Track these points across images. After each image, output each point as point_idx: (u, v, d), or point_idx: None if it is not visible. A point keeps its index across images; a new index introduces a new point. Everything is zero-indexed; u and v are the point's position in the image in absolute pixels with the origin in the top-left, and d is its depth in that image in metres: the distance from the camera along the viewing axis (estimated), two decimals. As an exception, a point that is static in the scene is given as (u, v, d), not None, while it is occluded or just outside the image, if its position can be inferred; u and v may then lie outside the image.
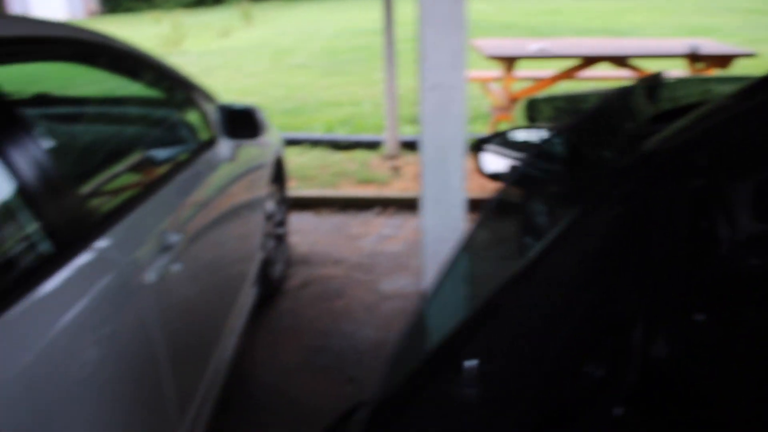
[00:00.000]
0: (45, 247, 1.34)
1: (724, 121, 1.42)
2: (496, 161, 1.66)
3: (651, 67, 5.35)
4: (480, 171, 1.69)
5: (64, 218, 1.41)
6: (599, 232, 1.36)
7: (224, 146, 2.56)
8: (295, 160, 5.64)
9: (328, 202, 4.81)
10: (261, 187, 3.03)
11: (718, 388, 1.95)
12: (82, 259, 1.42)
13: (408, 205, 4.73)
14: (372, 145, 6.07)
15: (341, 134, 6.49)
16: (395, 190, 5.03)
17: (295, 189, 4.90)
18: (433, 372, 0.94)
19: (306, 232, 4.38)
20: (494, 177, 1.70)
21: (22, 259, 1.32)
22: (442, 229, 1.81)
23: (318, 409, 2.55)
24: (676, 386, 1.89)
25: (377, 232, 4.34)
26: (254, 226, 2.88)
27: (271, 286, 3.37)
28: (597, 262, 1.33)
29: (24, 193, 1.32)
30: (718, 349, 2.08)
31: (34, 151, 1.38)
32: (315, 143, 6.18)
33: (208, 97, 2.63)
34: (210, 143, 2.46)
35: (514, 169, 1.74)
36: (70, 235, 1.41)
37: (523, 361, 1.01)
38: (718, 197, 1.73)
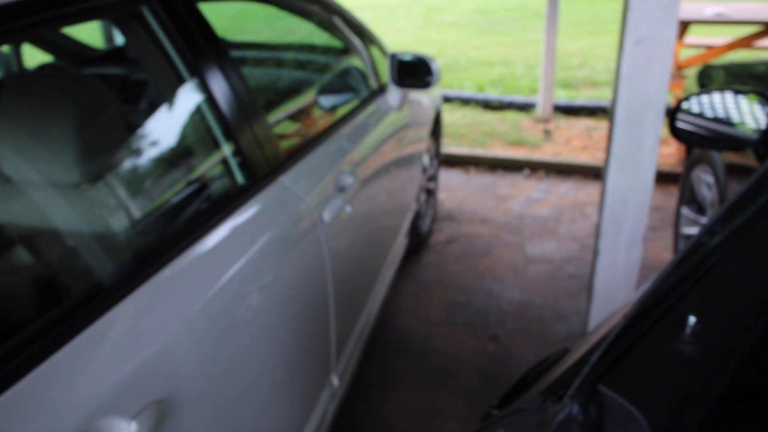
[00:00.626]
0: (240, 179, 1.43)
1: None
2: (695, 125, 1.59)
3: None
4: (675, 135, 1.62)
5: (257, 154, 1.50)
6: None
7: (393, 96, 2.60)
8: (446, 117, 5.64)
9: (477, 161, 4.79)
10: (422, 139, 3.07)
11: None
12: (271, 192, 1.50)
13: (558, 170, 4.62)
14: (524, 107, 5.95)
15: (493, 94, 6.40)
16: (546, 153, 4.92)
17: (446, 146, 4.91)
18: (659, 325, 0.93)
19: (454, 189, 4.40)
20: (693, 141, 1.63)
21: (222, 188, 1.43)
22: (627, 190, 1.75)
23: (459, 361, 2.59)
24: None
25: (526, 195, 4.29)
26: (413, 178, 2.92)
27: (419, 239, 3.42)
28: None
29: (227, 129, 1.42)
30: None
31: (237, 91, 1.47)
32: (466, 102, 6.14)
33: (380, 45, 2.67)
34: (381, 91, 2.51)
35: (703, 136, 1.65)
36: (261, 169, 1.50)
37: (740, 325, 0.99)
38: None
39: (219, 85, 1.42)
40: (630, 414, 0.84)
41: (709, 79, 3.36)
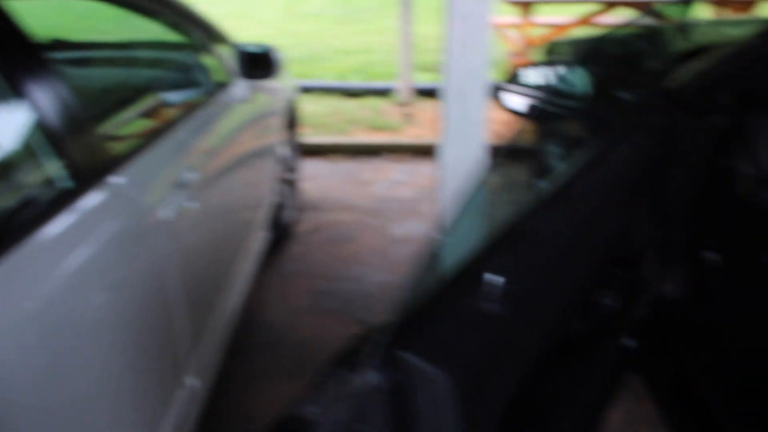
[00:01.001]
0: (65, 182, 1.37)
1: (747, 61, 1.41)
2: (517, 99, 1.67)
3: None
4: (504, 107, 1.70)
5: (82, 156, 1.43)
6: (621, 164, 1.37)
7: (240, 88, 2.57)
8: (308, 107, 5.63)
9: (340, 149, 4.82)
10: (275, 131, 3.04)
11: (728, 328, 1.98)
12: (99, 194, 1.44)
13: (420, 152, 4.73)
14: (385, 93, 6.04)
15: (354, 82, 6.45)
16: (408, 136, 5.02)
17: (308, 136, 4.91)
18: (459, 288, 0.96)
19: (318, 178, 4.40)
20: (516, 113, 1.71)
21: (43, 192, 1.36)
22: (461, 164, 1.81)
23: (325, 350, 2.61)
24: (685, 323, 1.92)
25: (389, 178, 4.36)
26: (267, 170, 2.90)
27: (282, 230, 3.41)
28: (617, 193, 1.34)
29: (46, 131, 1.35)
30: (730, 289, 2.09)
31: (55, 91, 1.40)
32: (328, 91, 6.16)
33: (224, 38, 2.63)
34: (225, 85, 2.47)
35: (532, 106, 1.74)
36: (88, 172, 1.44)
37: (545, 285, 1.04)
38: (740, 135, 1.73)
39: (32, 86, 1.34)
40: (432, 375, 0.87)
41: (557, 53, 3.53)
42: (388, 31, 9.06)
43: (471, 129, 1.79)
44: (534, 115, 1.80)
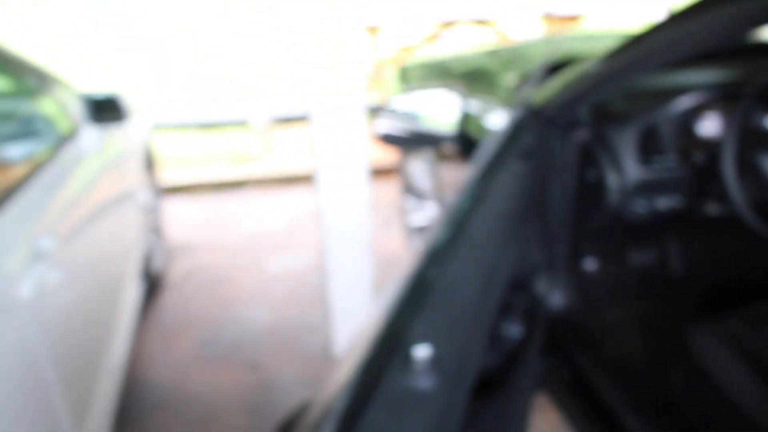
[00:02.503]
0: None
1: (598, 79, 1.47)
2: (389, 125, 1.63)
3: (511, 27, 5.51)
4: (376, 137, 1.66)
5: None
6: (507, 194, 1.36)
7: (89, 136, 2.37)
8: (164, 144, 5.37)
9: (202, 186, 4.63)
10: (133, 175, 2.85)
11: (612, 329, 2.04)
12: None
13: (284, 180, 4.64)
14: (242, 123, 5.89)
15: (209, 114, 6.23)
16: (270, 165, 4.91)
17: (167, 175, 4.67)
18: (384, 363, 0.88)
19: (183, 219, 4.20)
20: (389, 140, 1.67)
21: None
22: (342, 196, 1.75)
23: (221, 401, 2.46)
24: (576, 332, 1.96)
25: (255, 211, 4.23)
26: (131, 218, 2.70)
27: (153, 279, 3.19)
28: (509, 222, 1.33)
29: None
30: (609, 293, 2.17)
31: None
32: (183, 126, 5.91)
33: (64, 85, 2.42)
34: (72, 134, 2.26)
35: (399, 135, 1.72)
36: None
37: (468, 339, 0.98)
38: (602, 148, 1.79)
39: None
40: None
41: (408, 77, 3.55)
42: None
43: (349, 159, 1.73)
44: (401, 141, 1.78)
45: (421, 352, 0.86)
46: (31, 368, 1.43)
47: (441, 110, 1.77)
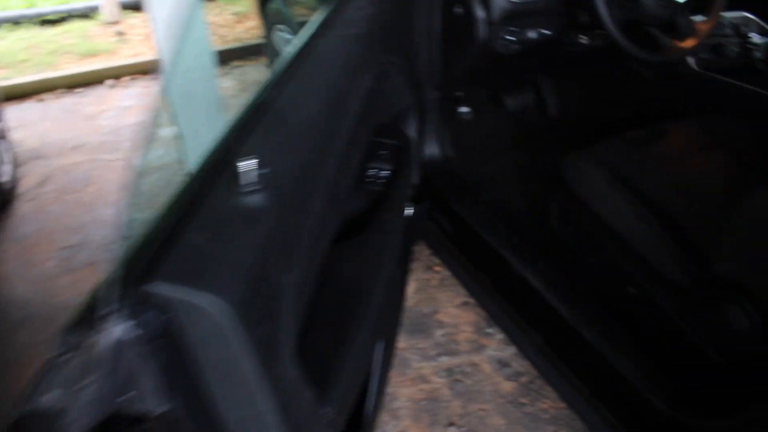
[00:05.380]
0: None
1: None
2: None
3: None
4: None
5: None
6: (358, 15, 1.24)
7: None
8: (-2, 45, 4.83)
9: (50, 86, 4.19)
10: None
11: (490, 175, 1.98)
12: None
13: (143, 71, 4.28)
14: (88, 14, 5.35)
15: (48, 6, 5.61)
16: (126, 57, 4.51)
17: (6, 78, 4.20)
18: (208, 185, 0.78)
19: (32, 123, 3.81)
20: None
21: None
22: (188, 70, 1.57)
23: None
24: (453, 181, 1.89)
25: (115, 106, 3.90)
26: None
27: (1, 193, 2.89)
28: (358, 46, 1.21)
29: None
30: (484, 140, 2.09)
31: None
32: (17, 22, 5.30)
33: None
34: None
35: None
36: None
37: (306, 162, 0.88)
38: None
39: None
40: (200, 302, 0.68)
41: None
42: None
43: (194, 34, 1.54)
44: None
45: (247, 166, 0.77)
46: None
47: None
